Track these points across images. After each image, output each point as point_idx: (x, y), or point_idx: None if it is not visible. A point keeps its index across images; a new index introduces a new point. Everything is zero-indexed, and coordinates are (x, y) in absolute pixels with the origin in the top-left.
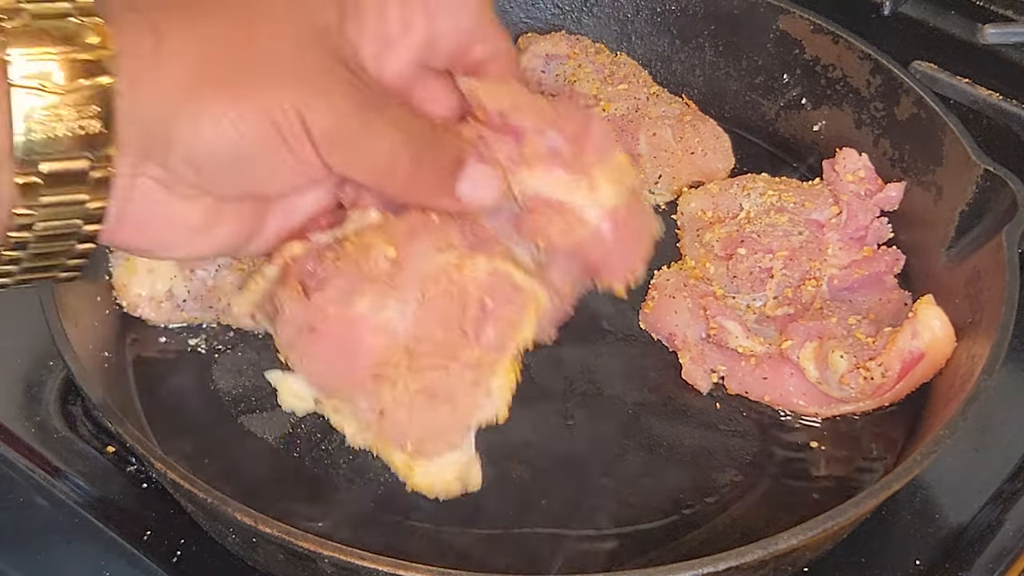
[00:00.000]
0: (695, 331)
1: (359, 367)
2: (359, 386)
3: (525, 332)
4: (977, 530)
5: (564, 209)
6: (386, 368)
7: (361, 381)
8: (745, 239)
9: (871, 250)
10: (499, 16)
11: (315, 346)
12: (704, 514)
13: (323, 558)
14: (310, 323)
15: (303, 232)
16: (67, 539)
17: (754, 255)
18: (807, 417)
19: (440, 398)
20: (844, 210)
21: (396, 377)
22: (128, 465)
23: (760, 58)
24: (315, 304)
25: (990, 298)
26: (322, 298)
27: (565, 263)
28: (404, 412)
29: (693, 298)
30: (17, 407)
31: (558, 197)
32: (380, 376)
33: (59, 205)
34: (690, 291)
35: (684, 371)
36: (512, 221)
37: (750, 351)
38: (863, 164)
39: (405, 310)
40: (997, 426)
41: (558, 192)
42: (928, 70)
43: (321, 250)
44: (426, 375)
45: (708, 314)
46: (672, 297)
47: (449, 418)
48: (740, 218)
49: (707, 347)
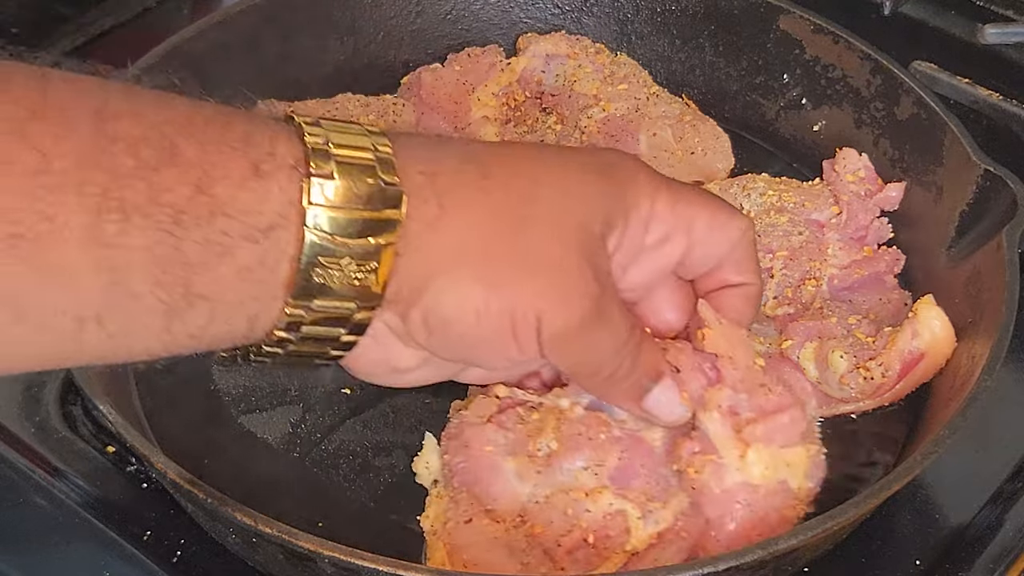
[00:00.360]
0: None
1: (475, 495)
2: (471, 501)
3: (606, 567)
4: (977, 530)
5: (714, 454)
6: (494, 515)
7: (475, 504)
8: None
9: (871, 250)
10: (499, 16)
11: (460, 456)
12: None
13: (323, 558)
14: (467, 442)
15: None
16: (67, 539)
17: None
18: None
19: (512, 557)
20: (844, 210)
21: (500, 526)
22: (128, 465)
23: (760, 58)
24: (482, 433)
25: (990, 298)
26: (490, 433)
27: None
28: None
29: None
30: (17, 407)
31: (713, 444)
32: (492, 512)
33: (315, 338)
34: None
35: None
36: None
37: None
38: (863, 164)
39: (534, 494)
40: (997, 426)
41: (715, 440)
42: (928, 70)
43: (515, 403)
44: (518, 538)
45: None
46: None
47: (508, 567)
48: None
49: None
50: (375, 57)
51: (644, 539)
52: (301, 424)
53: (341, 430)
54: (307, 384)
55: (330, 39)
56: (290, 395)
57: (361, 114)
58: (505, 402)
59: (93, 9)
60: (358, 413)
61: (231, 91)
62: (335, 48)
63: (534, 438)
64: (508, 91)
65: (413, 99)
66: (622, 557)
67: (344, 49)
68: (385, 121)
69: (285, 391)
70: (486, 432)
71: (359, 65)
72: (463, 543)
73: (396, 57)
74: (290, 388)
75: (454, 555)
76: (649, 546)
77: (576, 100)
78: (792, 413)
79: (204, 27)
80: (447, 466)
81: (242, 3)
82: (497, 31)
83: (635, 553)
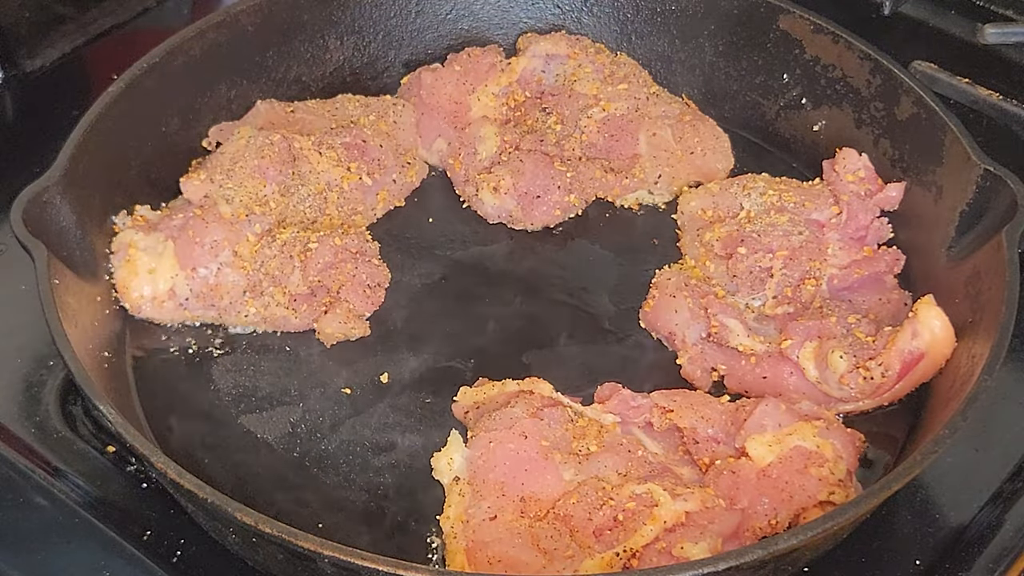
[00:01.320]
0: (695, 331)
1: (514, 486)
2: (500, 494)
3: (638, 538)
4: (977, 530)
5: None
6: (527, 504)
7: (507, 495)
8: (745, 239)
9: (871, 250)
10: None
11: (512, 444)
12: None
13: (323, 558)
14: (525, 432)
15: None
16: (67, 539)
17: (754, 254)
18: None
19: (537, 549)
20: (844, 210)
21: (525, 520)
22: (128, 465)
23: (760, 58)
24: (537, 426)
25: (990, 298)
26: (544, 428)
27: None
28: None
29: (694, 297)
30: (17, 407)
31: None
32: (525, 499)
33: None
34: (691, 291)
35: (683, 370)
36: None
37: (750, 350)
38: (863, 164)
39: (572, 480)
40: (997, 426)
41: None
42: (928, 70)
43: (555, 403)
44: (543, 528)
45: (709, 312)
46: (673, 296)
47: (533, 563)
48: (740, 217)
49: (707, 346)
50: (375, 57)
51: (673, 515)
52: (301, 424)
53: (341, 430)
54: (307, 384)
55: (330, 39)
56: (290, 395)
57: (361, 114)
58: (546, 401)
59: (93, 9)
60: (358, 413)
61: (231, 91)
62: (335, 48)
63: (578, 439)
64: (508, 91)
65: (413, 99)
66: (654, 530)
67: (344, 49)
68: (385, 122)
69: (285, 391)
70: (539, 427)
71: (359, 65)
72: (486, 539)
73: (396, 57)
74: (290, 388)
75: (476, 553)
76: (679, 523)
77: (576, 100)
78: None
79: (204, 27)
80: (482, 457)
81: (242, 3)
82: (497, 31)
83: (667, 529)
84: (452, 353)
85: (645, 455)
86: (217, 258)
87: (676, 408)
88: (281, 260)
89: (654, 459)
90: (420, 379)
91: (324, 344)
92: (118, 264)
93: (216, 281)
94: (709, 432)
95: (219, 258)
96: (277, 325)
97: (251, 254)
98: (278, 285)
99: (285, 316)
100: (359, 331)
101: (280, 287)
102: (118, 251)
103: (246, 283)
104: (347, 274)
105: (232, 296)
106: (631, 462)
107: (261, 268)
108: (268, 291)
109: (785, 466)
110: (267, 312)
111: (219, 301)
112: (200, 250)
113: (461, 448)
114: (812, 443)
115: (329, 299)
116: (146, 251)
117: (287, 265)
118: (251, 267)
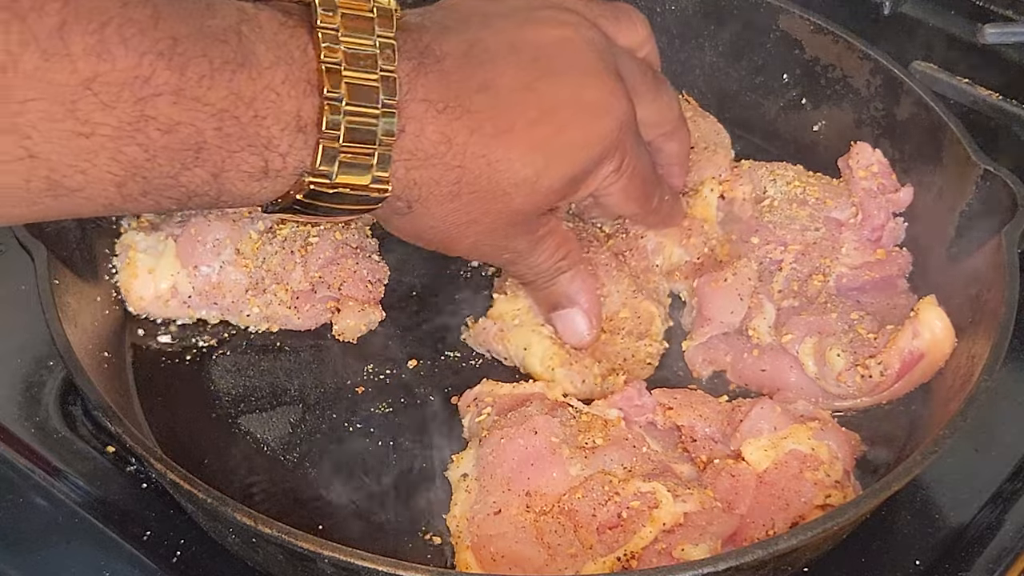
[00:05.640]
0: (740, 312)
1: (520, 480)
2: (506, 488)
3: (638, 540)
4: (977, 530)
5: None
6: (532, 499)
7: (513, 489)
8: (760, 228)
9: (885, 252)
10: None
11: (523, 439)
12: None
13: (323, 558)
14: (537, 428)
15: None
16: (67, 539)
17: (766, 245)
18: None
19: (541, 544)
20: (860, 209)
21: (529, 515)
22: (128, 465)
23: (760, 58)
24: (548, 423)
25: (990, 298)
26: (555, 425)
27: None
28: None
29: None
30: (17, 407)
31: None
32: (531, 494)
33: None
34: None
35: (685, 354)
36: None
37: (758, 339)
38: (876, 159)
39: (579, 475)
40: (997, 426)
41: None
42: (928, 70)
43: (563, 404)
44: (548, 522)
45: (754, 290)
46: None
47: (535, 558)
48: (763, 205)
49: (716, 337)
50: None
51: (673, 516)
52: (301, 424)
53: (341, 430)
54: (307, 384)
55: None
56: (290, 395)
57: None
58: (556, 403)
59: None
60: (358, 413)
61: None
62: None
63: (584, 433)
64: None
65: None
66: (653, 531)
67: None
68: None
69: (285, 391)
70: (551, 423)
71: None
72: (490, 534)
73: None
74: (290, 388)
75: (480, 549)
76: (677, 524)
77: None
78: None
79: None
80: (492, 453)
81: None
82: None
83: (666, 530)
84: (453, 352)
85: (648, 452)
86: (220, 256)
87: (676, 406)
88: (282, 256)
89: (655, 457)
90: (420, 379)
91: (325, 344)
92: (121, 265)
93: (219, 279)
94: (706, 431)
95: (221, 256)
96: (279, 324)
97: (253, 251)
98: (280, 282)
99: (287, 315)
100: (376, 316)
101: (282, 284)
102: (121, 252)
103: (248, 281)
104: (348, 270)
105: (235, 294)
106: (636, 458)
107: (263, 265)
108: (270, 288)
109: (781, 472)
110: (269, 311)
111: (222, 300)
112: (202, 248)
113: (475, 447)
114: (807, 446)
115: (333, 304)
116: (147, 251)
117: (288, 261)
118: (253, 264)
